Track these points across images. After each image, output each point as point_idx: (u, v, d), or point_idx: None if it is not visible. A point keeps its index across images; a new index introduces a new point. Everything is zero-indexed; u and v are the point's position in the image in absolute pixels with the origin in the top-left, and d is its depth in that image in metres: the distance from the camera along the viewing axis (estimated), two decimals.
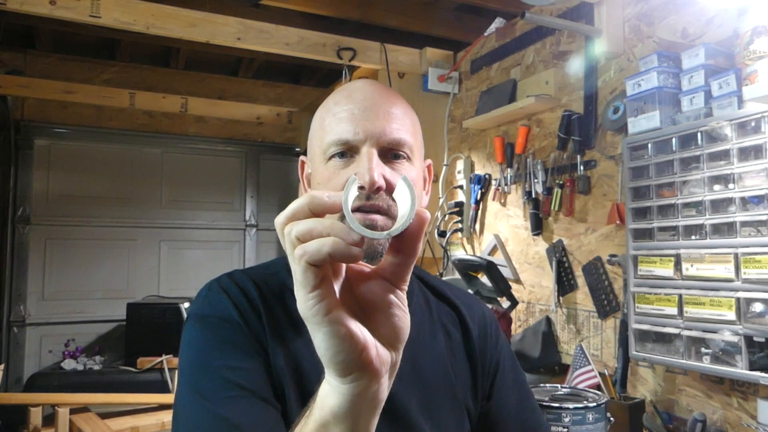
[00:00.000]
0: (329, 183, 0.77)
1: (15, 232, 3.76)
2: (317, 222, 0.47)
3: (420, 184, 0.84)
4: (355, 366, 0.49)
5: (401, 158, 0.78)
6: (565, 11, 2.15)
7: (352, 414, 0.51)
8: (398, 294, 0.51)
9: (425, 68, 2.82)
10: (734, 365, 1.41)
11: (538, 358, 2.11)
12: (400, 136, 0.78)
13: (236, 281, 0.81)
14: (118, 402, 2.89)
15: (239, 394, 0.70)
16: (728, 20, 1.59)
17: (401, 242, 0.49)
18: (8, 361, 3.63)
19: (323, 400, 0.53)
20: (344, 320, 0.48)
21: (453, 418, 0.86)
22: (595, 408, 1.37)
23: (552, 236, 2.19)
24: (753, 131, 1.40)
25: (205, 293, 0.81)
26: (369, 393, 0.51)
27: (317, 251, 0.46)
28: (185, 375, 0.74)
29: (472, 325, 0.93)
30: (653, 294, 1.62)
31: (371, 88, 0.81)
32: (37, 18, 2.61)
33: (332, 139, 0.77)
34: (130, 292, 3.99)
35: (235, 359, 0.74)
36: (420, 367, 0.85)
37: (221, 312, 0.77)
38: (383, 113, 0.77)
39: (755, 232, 1.40)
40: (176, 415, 0.73)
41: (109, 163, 4.03)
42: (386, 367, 0.51)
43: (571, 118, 2.07)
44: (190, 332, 0.78)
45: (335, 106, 0.79)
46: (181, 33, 2.42)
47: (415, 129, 0.83)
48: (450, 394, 0.86)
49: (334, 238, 0.46)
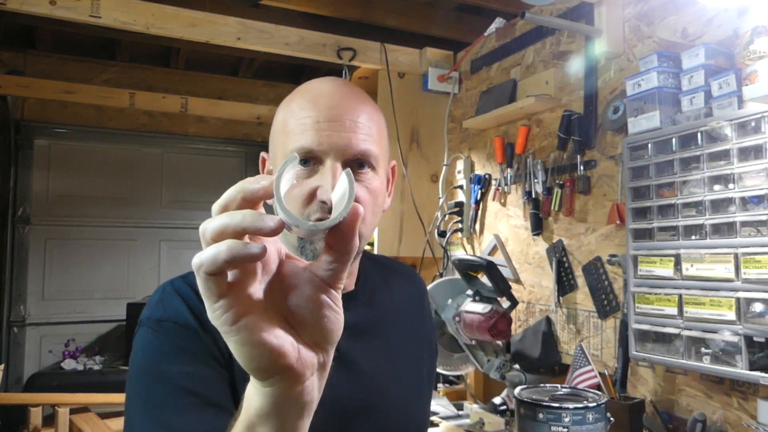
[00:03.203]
0: (292, 191, 0.75)
1: (15, 232, 3.76)
2: (230, 216, 0.43)
3: (383, 189, 0.83)
4: (273, 371, 0.47)
5: (365, 167, 0.78)
6: (565, 11, 2.15)
7: (276, 415, 0.49)
8: (332, 294, 0.48)
9: (425, 68, 2.82)
10: (734, 365, 1.41)
11: (538, 358, 2.11)
12: (365, 147, 0.77)
13: (190, 283, 0.79)
14: (118, 402, 2.89)
15: (193, 402, 0.69)
16: (728, 20, 1.59)
17: (335, 238, 0.46)
18: (8, 361, 3.63)
19: (248, 401, 0.51)
20: (255, 327, 0.45)
21: (416, 381, 0.97)
22: (595, 408, 1.37)
23: (552, 236, 2.19)
24: (753, 131, 1.40)
25: (158, 297, 0.79)
26: (292, 395, 0.49)
27: (213, 261, 0.42)
28: (138, 384, 0.72)
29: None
30: (653, 294, 1.62)
31: (338, 93, 0.79)
32: (37, 18, 2.61)
33: (295, 146, 0.75)
34: (130, 292, 3.99)
35: (190, 365, 0.72)
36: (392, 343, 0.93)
37: (176, 316, 0.75)
38: (349, 123, 0.76)
39: (755, 232, 1.40)
40: (128, 425, 0.71)
41: (109, 163, 4.04)
42: (311, 369, 0.49)
43: (571, 118, 2.07)
44: (143, 338, 0.75)
45: (300, 111, 0.78)
46: (181, 33, 2.42)
47: (381, 135, 0.82)
48: (414, 360, 0.98)
49: (229, 242, 0.42)
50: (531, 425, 1.37)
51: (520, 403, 1.42)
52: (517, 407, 1.44)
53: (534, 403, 1.38)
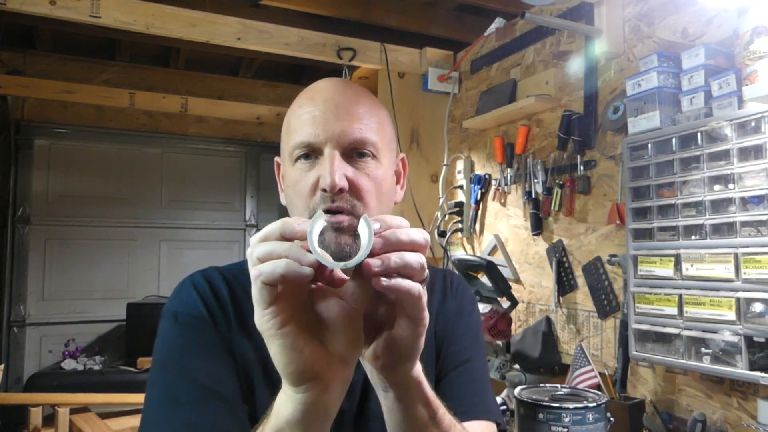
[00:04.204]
0: (297, 185, 0.78)
1: (15, 232, 3.76)
2: (277, 245, 0.53)
3: (390, 180, 0.84)
4: (307, 377, 0.55)
5: (366, 156, 0.79)
6: (565, 11, 2.15)
7: (304, 422, 0.57)
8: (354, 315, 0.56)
9: (425, 68, 2.82)
10: (734, 365, 1.41)
11: (538, 358, 2.11)
12: (362, 135, 0.78)
13: (207, 277, 0.85)
14: (118, 402, 2.89)
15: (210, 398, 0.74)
16: (728, 20, 1.59)
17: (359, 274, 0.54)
18: (8, 361, 3.63)
19: (279, 408, 0.59)
20: (296, 335, 0.54)
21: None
22: (595, 408, 1.37)
23: (552, 236, 2.19)
24: (753, 131, 1.40)
25: (178, 290, 0.84)
26: (321, 403, 0.57)
27: (271, 272, 0.52)
28: (156, 375, 0.77)
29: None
30: (653, 294, 1.62)
31: (334, 88, 0.81)
32: (37, 18, 2.61)
33: (296, 141, 0.78)
34: (130, 292, 3.99)
35: (206, 360, 0.77)
36: None
37: (190, 308, 0.81)
38: (345, 113, 0.78)
39: (755, 232, 1.40)
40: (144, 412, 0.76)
41: (109, 163, 4.03)
42: (337, 379, 0.58)
43: (571, 118, 2.07)
44: (162, 329, 0.81)
45: (299, 109, 0.80)
46: (181, 33, 2.42)
47: (382, 126, 0.83)
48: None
49: (288, 260, 0.52)
50: (531, 425, 1.37)
51: (520, 403, 1.42)
52: (517, 407, 1.44)
53: (534, 403, 1.38)
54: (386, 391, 0.64)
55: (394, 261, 0.54)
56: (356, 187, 0.75)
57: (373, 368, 0.62)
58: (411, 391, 0.64)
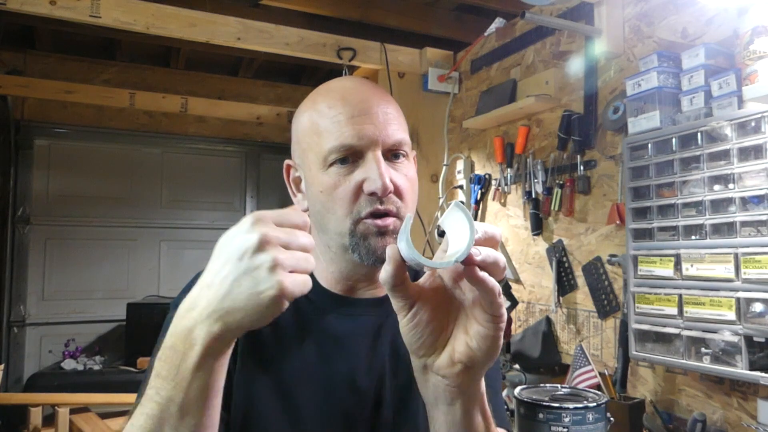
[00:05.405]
0: (336, 191, 0.76)
1: (15, 232, 3.76)
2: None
3: (416, 178, 0.85)
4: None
5: (401, 157, 0.79)
6: (565, 11, 2.15)
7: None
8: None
9: (425, 68, 2.82)
10: (734, 365, 1.41)
11: (538, 358, 2.11)
12: (399, 136, 0.78)
13: None
14: (118, 402, 2.89)
15: None
16: (728, 20, 1.59)
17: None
18: (8, 361, 3.63)
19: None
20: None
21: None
22: (595, 408, 1.37)
23: (552, 236, 2.19)
24: (753, 131, 1.40)
25: (189, 283, 0.83)
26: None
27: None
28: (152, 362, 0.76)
29: None
30: (653, 294, 1.62)
31: (363, 88, 0.80)
32: (37, 18, 2.61)
33: (333, 145, 0.75)
34: (130, 292, 3.99)
35: None
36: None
37: None
38: (381, 115, 0.77)
39: (755, 232, 1.40)
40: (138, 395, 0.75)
41: (109, 163, 4.03)
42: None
43: (571, 118, 2.07)
44: (167, 321, 0.79)
45: (329, 110, 0.77)
46: (181, 33, 2.42)
47: (406, 125, 0.84)
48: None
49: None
50: (531, 425, 1.37)
51: (520, 403, 1.41)
52: (517, 407, 1.44)
53: (534, 403, 1.37)
54: (451, 404, 0.62)
55: (490, 256, 0.56)
56: (398, 188, 0.76)
57: (444, 377, 0.60)
58: (477, 400, 0.62)
